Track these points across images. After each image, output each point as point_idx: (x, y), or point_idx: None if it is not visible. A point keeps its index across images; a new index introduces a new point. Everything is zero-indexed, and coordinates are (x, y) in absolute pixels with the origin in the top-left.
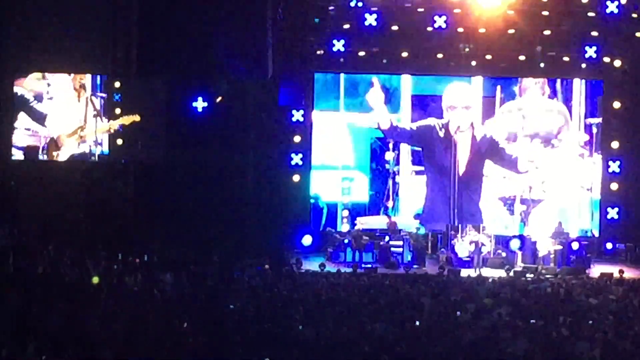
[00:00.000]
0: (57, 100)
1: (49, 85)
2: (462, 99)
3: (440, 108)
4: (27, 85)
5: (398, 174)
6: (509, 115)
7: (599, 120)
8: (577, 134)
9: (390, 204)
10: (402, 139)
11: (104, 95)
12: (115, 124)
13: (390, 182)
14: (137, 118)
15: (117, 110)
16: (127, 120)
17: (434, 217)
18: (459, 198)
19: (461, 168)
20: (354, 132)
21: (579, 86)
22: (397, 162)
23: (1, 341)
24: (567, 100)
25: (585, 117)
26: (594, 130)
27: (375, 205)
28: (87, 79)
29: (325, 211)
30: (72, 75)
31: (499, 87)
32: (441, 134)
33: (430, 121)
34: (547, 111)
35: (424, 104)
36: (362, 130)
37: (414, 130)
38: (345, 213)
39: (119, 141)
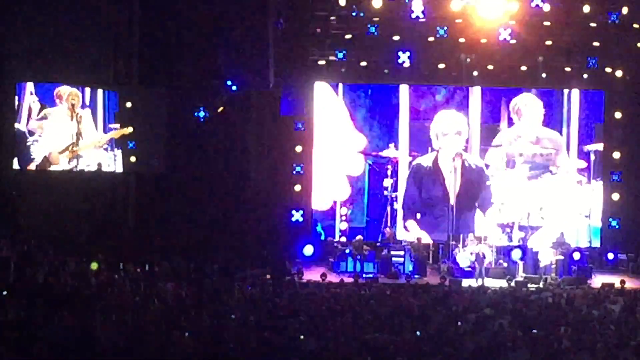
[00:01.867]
0: (51, 121)
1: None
2: (453, 125)
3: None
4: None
5: (396, 200)
6: (507, 142)
7: (596, 146)
8: (575, 160)
9: (388, 230)
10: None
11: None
12: (105, 138)
13: (388, 208)
14: (127, 131)
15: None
16: (117, 133)
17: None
18: (456, 223)
19: (452, 196)
20: (352, 158)
21: (576, 112)
22: (395, 189)
23: (3, 351)
24: (564, 126)
25: (583, 144)
26: (592, 157)
27: (373, 232)
28: (77, 98)
29: (323, 237)
30: (66, 95)
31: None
32: (429, 168)
33: (416, 162)
34: (544, 139)
35: (422, 132)
36: (360, 157)
37: (413, 188)
38: (344, 239)
39: (133, 158)
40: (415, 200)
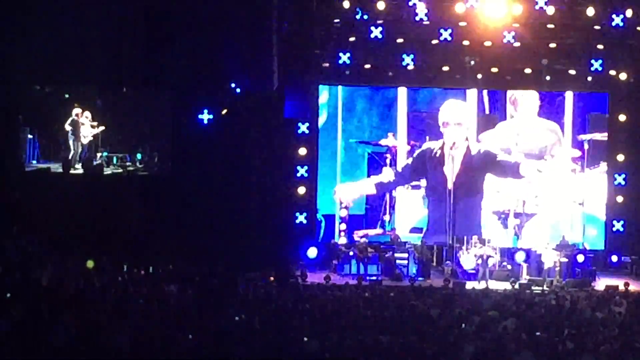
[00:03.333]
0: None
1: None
2: (454, 116)
3: (437, 123)
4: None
5: (394, 188)
6: (503, 134)
7: (590, 136)
8: (569, 149)
9: (386, 217)
10: (403, 181)
11: None
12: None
13: (387, 196)
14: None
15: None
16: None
17: (436, 233)
18: (453, 212)
19: (450, 182)
20: (352, 146)
21: (570, 102)
22: None
23: (8, 353)
24: (559, 117)
25: (577, 134)
26: (586, 146)
27: (372, 219)
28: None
29: (323, 224)
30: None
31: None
32: (435, 153)
33: (426, 145)
34: (539, 129)
35: (421, 121)
36: (359, 145)
37: (410, 164)
38: (343, 226)
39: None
40: (409, 171)
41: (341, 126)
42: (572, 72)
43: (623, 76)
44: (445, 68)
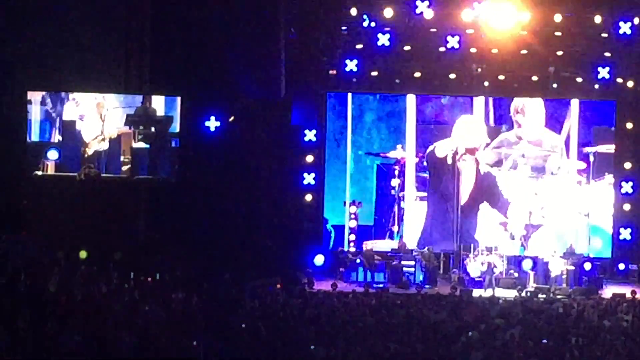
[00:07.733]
0: (87, 116)
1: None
2: (469, 130)
3: (445, 136)
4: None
5: (403, 199)
6: (509, 144)
7: (595, 148)
8: (574, 162)
9: (395, 228)
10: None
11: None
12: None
13: (395, 207)
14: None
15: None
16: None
17: (432, 241)
18: (461, 224)
19: (464, 197)
20: (361, 158)
21: (575, 114)
22: (402, 188)
23: None
24: (564, 128)
25: (582, 146)
26: (591, 158)
27: (381, 230)
28: (104, 97)
29: (333, 235)
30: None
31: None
32: (449, 160)
33: (438, 146)
34: (544, 140)
35: (429, 133)
36: (368, 156)
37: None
38: (352, 237)
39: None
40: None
41: (350, 137)
42: (579, 79)
43: (630, 84)
44: (452, 75)
